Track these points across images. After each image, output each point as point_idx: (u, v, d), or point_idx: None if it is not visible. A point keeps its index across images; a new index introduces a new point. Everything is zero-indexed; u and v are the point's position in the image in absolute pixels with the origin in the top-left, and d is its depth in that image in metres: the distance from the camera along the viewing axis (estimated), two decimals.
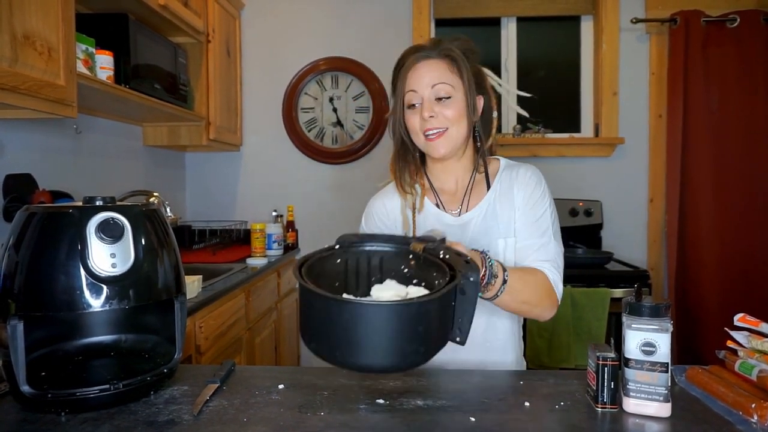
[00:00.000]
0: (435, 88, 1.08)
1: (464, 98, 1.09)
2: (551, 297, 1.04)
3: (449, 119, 1.08)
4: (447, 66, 1.09)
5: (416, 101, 1.10)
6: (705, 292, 2.58)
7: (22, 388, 0.72)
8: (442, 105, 1.08)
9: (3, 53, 1.18)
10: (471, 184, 1.18)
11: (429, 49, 1.11)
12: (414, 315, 0.65)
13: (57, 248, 0.72)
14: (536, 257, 1.08)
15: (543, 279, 1.05)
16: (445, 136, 1.09)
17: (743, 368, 0.81)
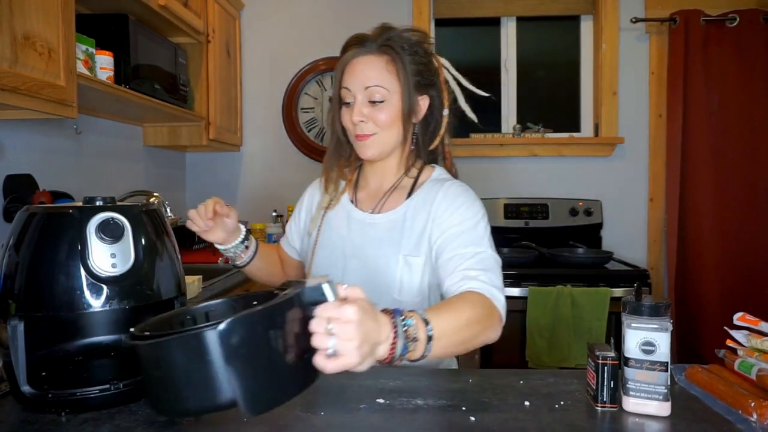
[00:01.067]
0: (368, 90, 1.02)
1: (400, 102, 1.03)
2: (492, 317, 0.88)
3: (380, 124, 1.03)
4: (385, 64, 1.02)
5: (349, 100, 1.05)
6: (705, 291, 2.59)
7: (23, 388, 0.73)
8: (375, 108, 1.03)
9: (3, 54, 1.18)
10: (394, 187, 1.11)
11: (370, 42, 1.04)
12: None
13: (57, 248, 0.72)
14: (469, 265, 0.95)
15: (477, 301, 0.88)
16: (374, 139, 1.04)
17: (743, 367, 0.81)
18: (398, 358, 0.69)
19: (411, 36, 1.06)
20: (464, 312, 0.84)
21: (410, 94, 1.03)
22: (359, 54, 1.04)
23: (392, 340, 0.68)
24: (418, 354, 0.72)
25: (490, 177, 2.80)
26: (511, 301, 2.11)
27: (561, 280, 2.11)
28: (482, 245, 0.98)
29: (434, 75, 1.09)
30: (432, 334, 0.73)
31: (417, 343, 0.71)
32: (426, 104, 1.08)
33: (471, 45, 3.00)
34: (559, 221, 2.67)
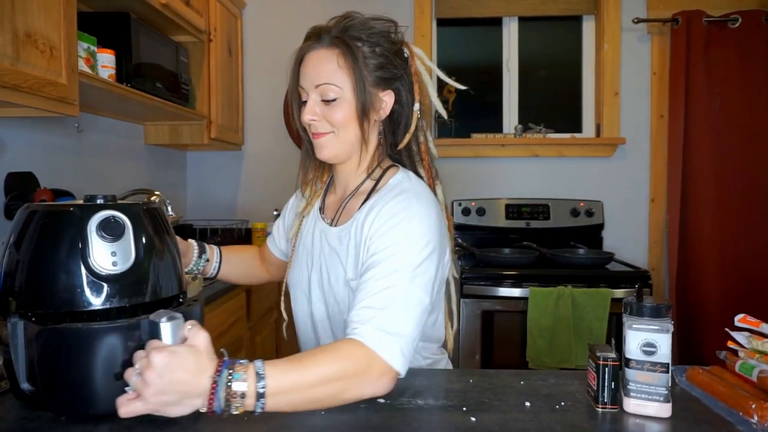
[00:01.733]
0: (319, 88, 0.95)
1: (354, 100, 0.94)
2: (367, 372, 0.76)
3: (335, 124, 0.95)
4: (337, 58, 0.93)
5: (305, 98, 0.98)
6: (706, 292, 2.58)
7: (22, 385, 0.72)
8: (328, 107, 0.95)
9: (5, 52, 1.18)
10: (353, 193, 1.02)
11: (325, 34, 0.95)
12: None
13: (58, 246, 0.72)
14: (369, 303, 0.82)
15: (350, 355, 0.77)
16: (330, 138, 0.97)
17: (744, 369, 0.81)
18: (222, 412, 0.67)
19: (374, 25, 0.97)
20: (320, 368, 0.74)
21: (365, 90, 0.94)
22: (312, 48, 0.96)
23: (209, 395, 0.66)
24: (249, 409, 0.69)
25: (491, 177, 2.79)
26: (512, 301, 2.13)
27: (562, 280, 2.11)
28: (396, 277, 0.84)
29: (400, 68, 0.99)
30: (264, 391, 0.69)
31: (244, 399, 0.68)
32: (391, 100, 0.99)
33: (473, 45, 3.00)
34: (560, 222, 2.67)
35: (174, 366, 0.65)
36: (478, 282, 2.15)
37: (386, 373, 0.78)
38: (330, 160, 1.00)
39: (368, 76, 0.94)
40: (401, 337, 0.80)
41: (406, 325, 0.81)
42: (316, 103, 0.96)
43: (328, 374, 0.74)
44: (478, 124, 2.86)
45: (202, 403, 0.67)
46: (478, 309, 2.15)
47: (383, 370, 0.77)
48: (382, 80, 0.97)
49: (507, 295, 2.14)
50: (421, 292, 0.85)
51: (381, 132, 1.01)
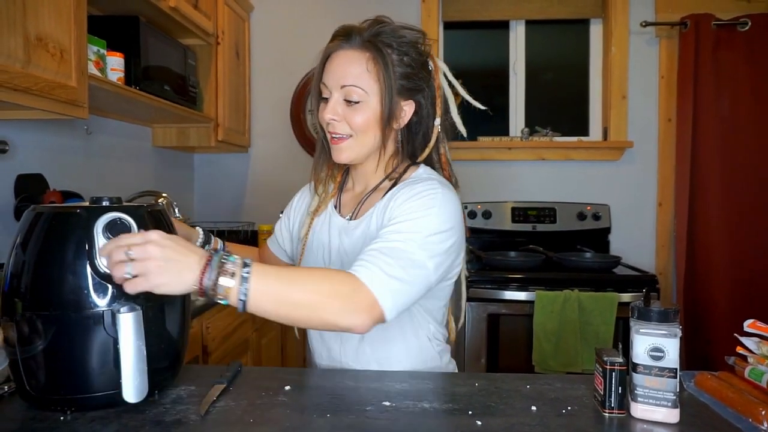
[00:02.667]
0: (344, 89, 0.94)
1: (379, 105, 0.94)
2: (351, 298, 0.79)
3: (355, 127, 0.95)
4: (367, 62, 0.93)
5: (326, 95, 0.98)
6: (714, 297, 2.56)
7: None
8: (351, 109, 0.95)
9: (16, 55, 1.19)
10: (373, 189, 1.03)
11: (356, 35, 0.96)
12: None
13: (64, 248, 0.72)
14: (368, 249, 0.85)
15: (339, 278, 0.80)
16: (348, 143, 0.97)
17: (753, 374, 0.80)
18: (211, 289, 0.72)
19: (405, 34, 0.97)
20: (307, 278, 0.78)
21: (392, 98, 0.94)
22: (341, 47, 0.96)
23: (203, 267, 0.72)
24: (234, 295, 0.73)
25: (497, 180, 2.79)
26: (518, 305, 2.13)
27: (568, 284, 2.10)
28: (404, 236, 0.86)
29: (424, 80, 0.99)
30: (248, 276, 0.73)
31: (233, 279, 0.72)
32: (411, 110, 0.99)
33: (479, 48, 3.00)
34: (567, 225, 2.65)
35: (168, 241, 0.71)
36: (484, 285, 2.15)
37: (370, 307, 0.79)
38: (346, 162, 1.01)
39: (394, 84, 0.94)
40: (396, 280, 0.82)
41: (403, 276, 0.83)
42: (338, 102, 0.96)
43: (315, 287, 0.78)
44: (485, 127, 2.86)
45: (193, 277, 0.71)
46: (484, 312, 2.14)
47: (368, 302, 0.79)
48: (406, 90, 0.97)
49: (513, 298, 2.13)
50: (426, 259, 0.86)
51: (398, 141, 1.02)
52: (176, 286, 0.71)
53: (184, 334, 0.86)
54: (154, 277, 0.70)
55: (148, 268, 0.69)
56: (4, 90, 1.17)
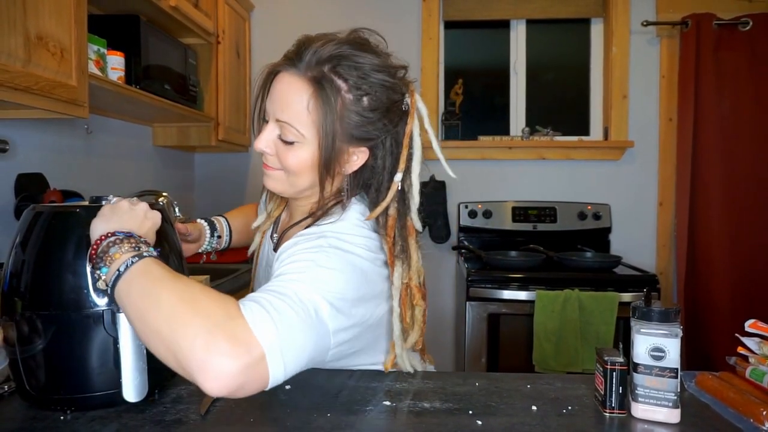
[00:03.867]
0: (279, 124, 0.81)
1: (317, 151, 0.80)
2: (221, 339, 0.59)
3: (286, 167, 0.83)
4: (309, 99, 0.78)
5: (267, 118, 0.85)
6: (715, 297, 2.56)
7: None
8: (284, 147, 0.82)
9: (17, 54, 1.19)
10: (296, 224, 0.92)
11: (307, 54, 0.79)
12: None
13: (64, 247, 0.72)
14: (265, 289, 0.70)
15: (219, 306, 0.63)
16: (279, 175, 0.86)
17: (754, 375, 0.80)
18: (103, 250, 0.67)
19: (375, 68, 0.79)
20: (192, 288, 0.64)
21: (333, 146, 0.79)
22: (287, 69, 0.81)
23: (126, 230, 0.70)
24: (119, 260, 0.66)
25: (498, 180, 2.79)
26: (518, 304, 2.13)
27: (569, 284, 2.10)
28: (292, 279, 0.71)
29: (385, 128, 0.82)
30: (147, 255, 0.67)
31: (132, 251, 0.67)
32: (364, 157, 0.84)
33: (480, 47, 3.00)
34: (568, 225, 2.65)
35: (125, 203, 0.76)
36: (485, 285, 2.14)
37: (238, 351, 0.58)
38: (274, 192, 0.90)
39: (340, 129, 0.79)
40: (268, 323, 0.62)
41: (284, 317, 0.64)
42: (272, 134, 0.83)
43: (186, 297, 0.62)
44: (485, 127, 2.86)
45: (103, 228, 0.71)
46: (484, 312, 2.14)
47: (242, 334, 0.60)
48: (357, 138, 0.82)
49: (513, 298, 2.13)
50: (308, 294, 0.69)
51: (344, 185, 0.87)
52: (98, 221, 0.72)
53: None
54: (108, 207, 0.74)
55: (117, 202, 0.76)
56: (5, 89, 1.16)
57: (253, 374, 0.60)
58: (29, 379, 0.73)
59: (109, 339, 0.72)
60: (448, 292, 2.79)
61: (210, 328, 0.59)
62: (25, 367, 0.73)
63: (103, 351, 0.72)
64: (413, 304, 0.86)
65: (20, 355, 0.73)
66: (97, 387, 0.73)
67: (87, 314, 0.72)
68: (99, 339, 0.72)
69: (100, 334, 0.72)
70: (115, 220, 0.72)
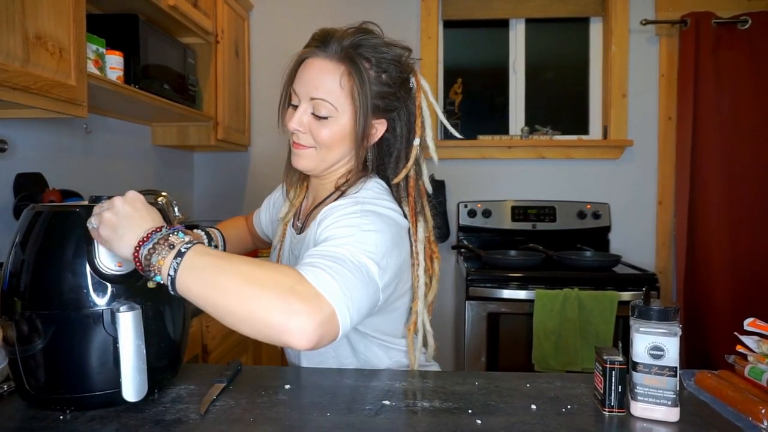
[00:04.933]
0: (314, 102, 0.90)
1: (351, 122, 0.90)
2: (297, 299, 0.66)
3: (320, 141, 0.91)
4: (341, 76, 0.88)
5: (295, 102, 0.94)
6: (714, 295, 2.56)
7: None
8: (318, 123, 0.90)
9: (15, 53, 1.19)
10: (322, 202, 0.99)
11: (334, 43, 0.89)
12: None
13: (63, 247, 0.72)
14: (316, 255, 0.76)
15: (283, 273, 0.69)
16: (310, 153, 0.93)
17: (753, 373, 0.80)
18: (146, 258, 0.68)
19: (387, 50, 0.91)
20: (244, 265, 0.68)
21: (366, 117, 0.89)
22: (316, 54, 0.91)
23: (147, 234, 0.69)
24: (165, 268, 0.67)
25: (497, 179, 2.79)
26: (518, 303, 2.13)
27: (568, 283, 2.10)
28: (341, 243, 0.78)
29: (401, 100, 0.94)
30: (185, 251, 0.67)
31: (169, 252, 0.67)
32: (383, 128, 0.95)
33: (479, 46, 3.00)
34: (567, 224, 2.65)
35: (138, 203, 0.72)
36: (484, 284, 2.15)
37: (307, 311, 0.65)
38: (304, 171, 0.97)
39: (369, 102, 0.89)
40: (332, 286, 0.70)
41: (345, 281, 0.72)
42: (305, 113, 0.91)
43: (258, 273, 0.67)
44: (485, 126, 2.86)
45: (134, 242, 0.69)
46: (483, 311, 2.14)
47: (308, 308, 0.65)
48: (379, 109, 0.92)
49: (513, 297, 2.13)
50: (362, 260, 0.76)
51: (367, 158, 0.97)
52: (116, 245, 0.69)
53: (184, 333, 0.86)
54: (104, 229, 0.70)
55: (103, 219, 0.70)
56: (3, 88, 1.16)
57: (328, 328, 0.68)
58: (29, 378, 0.73)
59: (109, 338, 0.72)
60: (448, 291, 2.79)
61: (282, 295, 0.66)
62: (25, 366, 0.73)
63: (103, 350, 0.72)
64: (433, 257, 1.00)
65: (20, 354, 0.73)
66: (96, 386, 0.73)
67: (86, 314, 0.72)
68: (98, 338, 0.72)
69: (99, 334, 0.72)
70: (126, 225, 0.70)
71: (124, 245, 0.69)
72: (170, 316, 0.81)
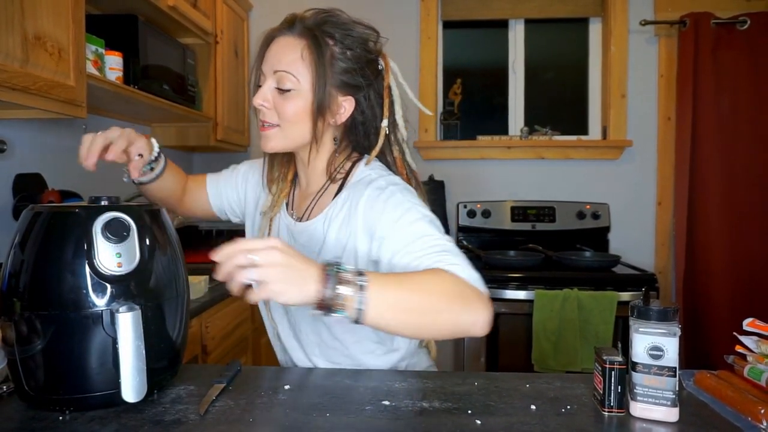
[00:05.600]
0: (277, 75, 0.91)
1: (312, 95, 0.91)
2: (469, 297, 0.78)
3: (284, 116, 0.92)
4: (302, 49, 0.90)
5: (261, 83, 0.94)
6: (714, 295, 2.56)
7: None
8: (282, 97, 0.91)
9: (14, 54, 1.19)
10: (323, 190, 1.00)
11: (297, 22, 0.93)
12: None
13: (62, 247, 0.72)
14: (433, 253, 0.83)
15: (448, 276, 0.78)
16: (276, 132, 0.94)
17: (752, 373, 0.80)
18: (331, 299, 0.69)
19: (353, 28, 0.94)
20: (423, 279, 0.76)
21: (324, 88, 0.90)
22: (281, 33, 0.94)
23: (323, 276, 0.69)
24: (351, 304, 0.69)
25: (497, 179, 2.79)
26: (518, 304, 2.13)
27: (568, 283, 2.10)
28: (433, 235, 0.85)
29: (367, 78, 0.95)
30: (365, 284, 0.70)
31: (350, 288, 0.69)
32: (350, 107, 0.95)
33: (479, 47, 3.00)
34: (566, 224, 2.65)
35: (288, 249, 0.69)
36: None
37: (485, 306, 0.79)
38: (273, 151, 0.97)
39: (331, 76, 0.91)
40: (478, 278, 0.82)
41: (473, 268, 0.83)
42: (270, 89, 0.93)
43: (434, 281, 0.77)
44: (484, 126, 2.86)
45: (313, 288, 0.69)
46: None
47: (483, 300, 0.79)
48: (346, 85, 0.93)
49: (512, 297, 2.13)
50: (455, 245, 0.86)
51: (336, 138, 0.98)
52: (297, 295, 0.68)
53: (183, 334, 0.86)
54: (276, 284, 0.67)
55: (270, 275, 0.66)
56: (2, 89, 1.16)
57: (491, 307, 0.80)
58: (28, 379, 0.73)
59: (108, 339, 0.72)
60: None
61: (464, 300, 0.77)
62: (24, 367, 0.73)
63: (102, 351, 0.72)
64: None
65: (19, 355, 0.73)
66: (96, 387, 0.73)
67: (86, 314, 0.71)
68: (98, 339, 0.72)
69: (99, 335, 0.72)
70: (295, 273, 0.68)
71: (302, 293, 0.68)
72: (169, 317, 0.81)
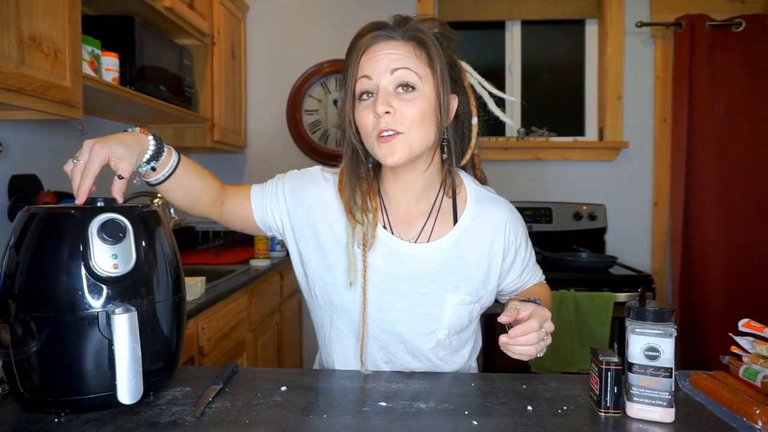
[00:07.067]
0: (396, 74, 0.83)
1: (434, 94, 0.85)
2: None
3: (410, 119, 0.83)
4: (413, 51, 0.85)
5: (370, 89, 0.85)
6: (709, 296, 2.57)
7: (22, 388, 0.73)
8: (403, 100, 0.83)
9: (10, 55, 1.18)
10: (438, 209, 0.95)
11: (392, 28, 0.86)
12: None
13: (58, 249, 0.72)
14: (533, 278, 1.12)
15: (546, 288, 1.13)
16: (401, 140, 0.83)
17: (748, 374, 0.80)
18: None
19: (436, 27, 0.90)
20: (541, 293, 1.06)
21: (445, 86, 0.86)
22: (380, 39, 0.86)
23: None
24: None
25: (493, 181, 2.74)
26: None
27: (564, 284, 2.10)
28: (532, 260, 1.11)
29: (459, 75, 0.94)
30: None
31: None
32: (455, 105, 0.91)
33: (476, 48, 3.00)
34: (563, 225, 2.66)
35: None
36: None
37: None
38: (398, 164, 0.85)
39: (444, 71, 0.87)
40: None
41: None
42: (388, 92, 0.84)
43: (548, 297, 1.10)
44: (481, 127, 2.86)
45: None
46: None
47: None
48: (452, 81, 0.90)
49: None
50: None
51: (446, 140, 0.92)
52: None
53: (180, 335, 0.86)
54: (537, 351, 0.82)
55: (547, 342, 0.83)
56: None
57: None
58: (23, 381, 0.73)
59: (104, 341, 0.72)
60: None
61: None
62: (19, 369, 0.72)
63: (98, 353, 0.72)
64: None
65: (14, 357, 0.72)
66: (91, 389, 0.73)
67: (81, 316, 0.71)
68: (93, 341, 0.72)
69: (94, 336, 0.72)
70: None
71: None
72: (165, 318, 0.80)
